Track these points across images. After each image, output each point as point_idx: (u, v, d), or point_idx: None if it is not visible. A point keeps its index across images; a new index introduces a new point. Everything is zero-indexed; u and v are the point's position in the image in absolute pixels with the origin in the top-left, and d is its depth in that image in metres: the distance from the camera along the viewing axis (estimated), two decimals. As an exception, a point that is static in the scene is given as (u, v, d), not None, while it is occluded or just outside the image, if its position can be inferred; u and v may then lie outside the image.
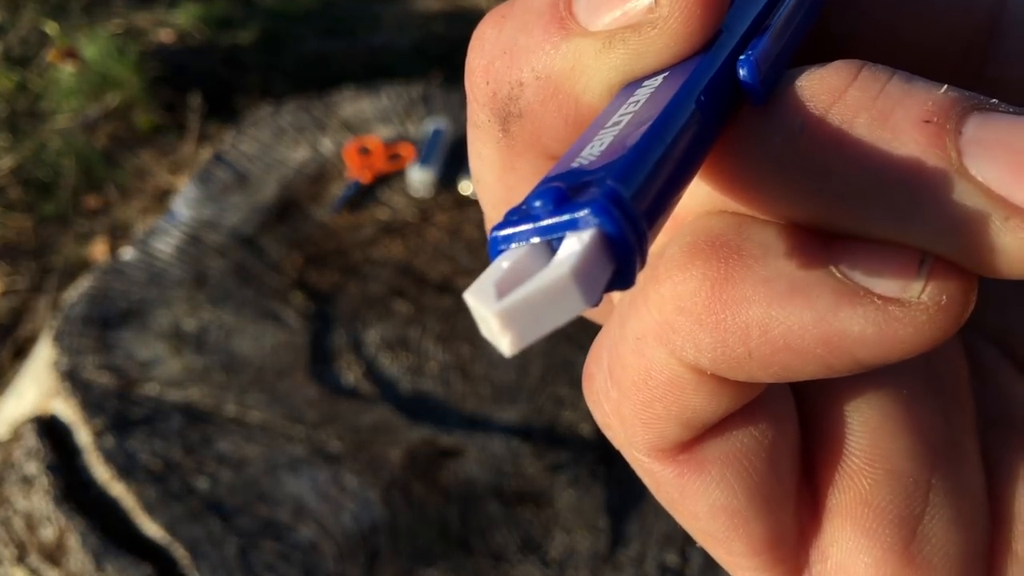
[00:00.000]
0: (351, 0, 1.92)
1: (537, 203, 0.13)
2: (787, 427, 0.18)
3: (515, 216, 0.13)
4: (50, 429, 0.77)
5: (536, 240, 0.13)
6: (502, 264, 0.13)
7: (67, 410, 0.78)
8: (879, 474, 0.17)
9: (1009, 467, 0.19)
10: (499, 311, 0.12)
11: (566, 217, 0.13)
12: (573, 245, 0.12)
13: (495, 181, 0.19)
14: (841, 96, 0.15)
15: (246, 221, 0.96)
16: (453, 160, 1.02)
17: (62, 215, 1.42)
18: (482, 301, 0.12)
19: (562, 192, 0.13)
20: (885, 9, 0.18)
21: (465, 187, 1.00)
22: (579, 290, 0.12)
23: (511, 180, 0.18)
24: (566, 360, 0.84)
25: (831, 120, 0.14)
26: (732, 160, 0.15)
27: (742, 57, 0.15)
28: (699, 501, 0.18)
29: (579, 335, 0.85)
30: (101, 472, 0.73)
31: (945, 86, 0.14)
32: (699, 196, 0.16)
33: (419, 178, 0.99)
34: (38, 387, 0.82)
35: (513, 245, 0.13)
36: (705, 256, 0.15)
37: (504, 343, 0.12)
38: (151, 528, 0.70)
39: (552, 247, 0.13)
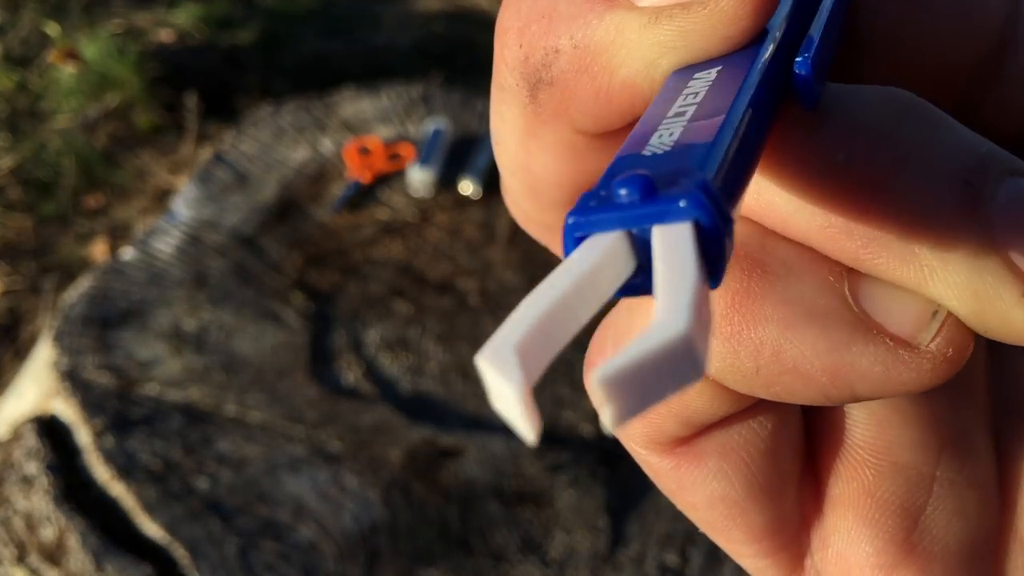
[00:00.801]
0: (351, 0, 1.92)
1: (622, 191, 0.12)
2: (788, 418, 0.18)
3: (592, 202, 0.13)
4: (50, 429, 0.77)
5: (619, 232, 0.12)
6: (532, 307, 0.12)
7: (67, 410, 0.78)
8: (883, 466, 0.18)
9: (1019, 456, 0.19)
10: (603, 379, 0.10)
11: (657, 208, 0.12)
12: (670, 249, 0.12)
13: (516, 145, 0.18)
14: (890, 136, 0.14)
15: (246, 221, 0.96)
16: (453, 160, 1.02)
17: (62, 215, 1.42)
18: (501, 369, 0.11)
19: (650, 181, 0.12)
20: (894, 26, 0.18)
21: (465, 187, 1.00)
22: (696, 350, 0.11)
23: (533, 146, 0.18)
24: (566, 360, 0.84)
25: (876, 160, 0.14)
26: (770, 172, 0.15)
27: (799, 59, 0.15)
28: (696, 492, 0.18)
29: (579, 335, 0.85)
30: (101, 472, 0.73)
31: (987, 144, 0.15)
32: None
33: (419, 178, 0.99)
34: (38, 387, 0.82)
35: (593, 234, 0.12)
36: (728, 265, 0.15)
37: (606, 416, 0.11)
38: (151, 528, 0.70)
39: (634, 237, 0.12)
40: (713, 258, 0.12)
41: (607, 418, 0.11)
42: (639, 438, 0.18)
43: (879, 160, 0.14)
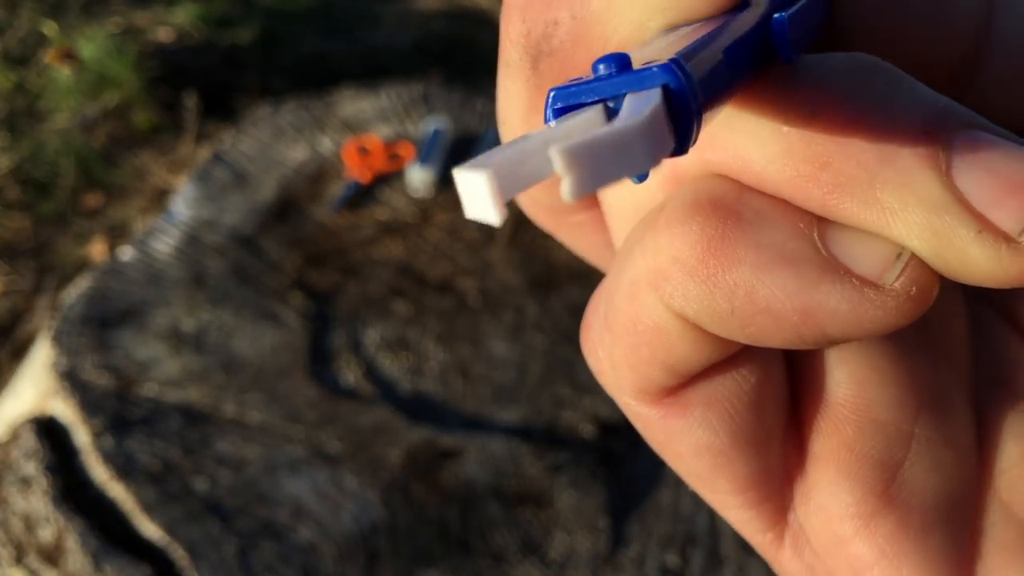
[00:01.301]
0: (350, -1, 1.92)
1: (601, 66, 0.13)
2: (773, 373, 0.19)
3: (575, 81, 0.14)
4: (48, 429, 0.77)
5: (596, 101, 0.13)
6: (512, 143, 0.13)
7: (66, 410, 0.77)
8: (863, 422, 0.19)
9: (999, 421, 0.20)
10: (564, 149, 0.11)
11: (631, 77, 0.13)
12: (639, 104, 0.12)
13: (520, 120, 0.19)
14: (855, 92, 0.16)
15: (245, 221, 0.95)
16: (453, 159, 1.02)
17: (60, 215, 1.41)
18: (474, 167, 0.12)
19: (626, 58, 0.13)
20: (873, 26, 0.19)
21: (465, 187, 1.00)
22: (648, 142, 0.12)
23: (536, 120, 0.19)
24: (566, 360, 0.84)
25: (841, 114, 0.15)
26: (745, 126, 0.16)
27: (777, 16, 0.16)
28: (683, 441, 0.19)
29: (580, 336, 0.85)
30: (100, 472, 0.73)
31: (946, 100, 0.16)
32: (702, 158, 0.18)
33: (419, 178, 0.99)
34: (36, 387, 0.82)
35: (573, 103, 0.13)
36: (705, 213, 0.16)
37: (565, 184, 0.12)
38: (150, 529, 0.70)
39: (610, 112, 0.13)
40: (681, 126, 0.13)
41: (566, 187, 0.11)
42: (628, 388, 0.18)
43: (844, 112, 0.15)
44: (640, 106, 0.12)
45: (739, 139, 0.16)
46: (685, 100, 0.13)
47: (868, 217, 0.15)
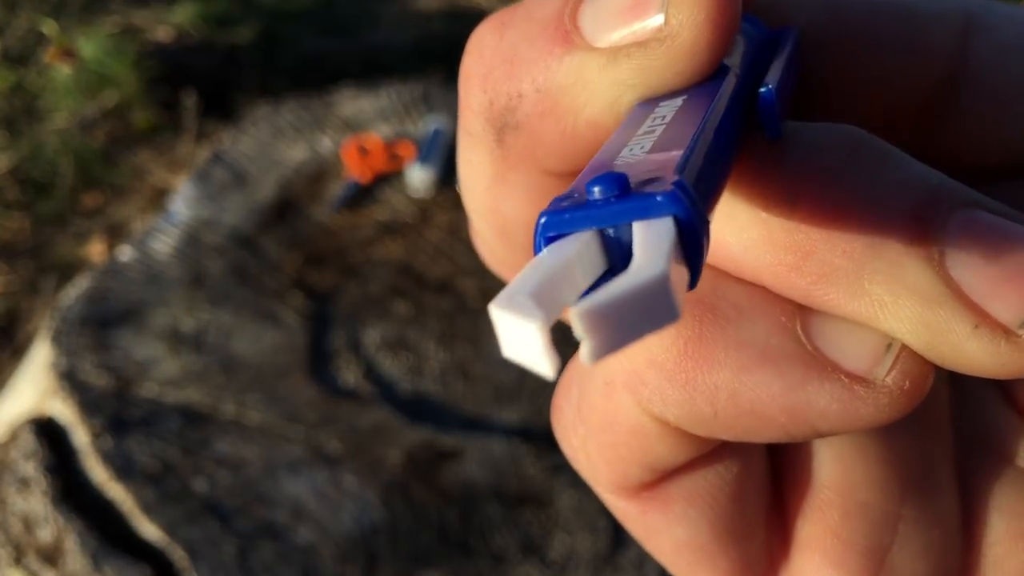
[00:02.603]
0: (350, -1, 1.92)
1: (596, 189, 0.12)
2: (753, 462, 0.18)
3: (565, 202, 0.12)
4: (47, 430, 0.77)
5: (592, 230, 0.12)
6: (537, 267, 0.11)
7: (65, 411, 0.77)
8: (849, 506, 0.18)
9: (985, 493, 0.19)
10: (586, 311, 0.10)
11: (633, 204, 0.12)
12: (653, 240, 0.11)
13: (484, 191, 0.18)
14: (840, 172, 0.15)
15: (245, 221, 0.95)
16: (453, 159, 1.02)
17: (59, 215, 1.41)
18: (519, 310, 0.11)
19: (624, 179, 0.12)
20: (844, 63, 0.18)
21: (465, 186, 1.00)
22: (671, 291, 0.11)
23: (500, 191, 0.18)
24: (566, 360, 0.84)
25: (825, 197, 0.14)
26: (721, 208, 0.15)
27: (763, 89, 0.15)
28: (663, 537, 0.18)
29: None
30: (99, 473, 0.73)
31: (938, 177, 0.15)
32: None
33: (419, 177, 0.99)
34: (35, 388, 0.82)
35: (567, 232, 0.12)
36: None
37: (586, 349, 0.11)
38: (149, 529, 0.70)
39: (606, 238, 0.12)
40: (691, 257, 0.12)
41: (586, 352, 0.11)
42: (606, 483, 0.18)
43: (829, 194, 0.14)
44: (649, 241, 0.11)
45: (715, 223, 0.15)
46: (695, 230, 0.12)
47: (856, 309, 0.14)
